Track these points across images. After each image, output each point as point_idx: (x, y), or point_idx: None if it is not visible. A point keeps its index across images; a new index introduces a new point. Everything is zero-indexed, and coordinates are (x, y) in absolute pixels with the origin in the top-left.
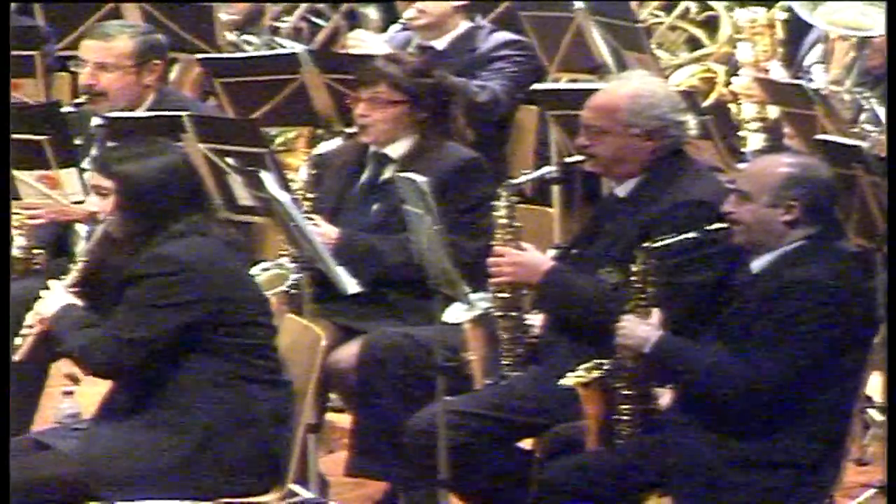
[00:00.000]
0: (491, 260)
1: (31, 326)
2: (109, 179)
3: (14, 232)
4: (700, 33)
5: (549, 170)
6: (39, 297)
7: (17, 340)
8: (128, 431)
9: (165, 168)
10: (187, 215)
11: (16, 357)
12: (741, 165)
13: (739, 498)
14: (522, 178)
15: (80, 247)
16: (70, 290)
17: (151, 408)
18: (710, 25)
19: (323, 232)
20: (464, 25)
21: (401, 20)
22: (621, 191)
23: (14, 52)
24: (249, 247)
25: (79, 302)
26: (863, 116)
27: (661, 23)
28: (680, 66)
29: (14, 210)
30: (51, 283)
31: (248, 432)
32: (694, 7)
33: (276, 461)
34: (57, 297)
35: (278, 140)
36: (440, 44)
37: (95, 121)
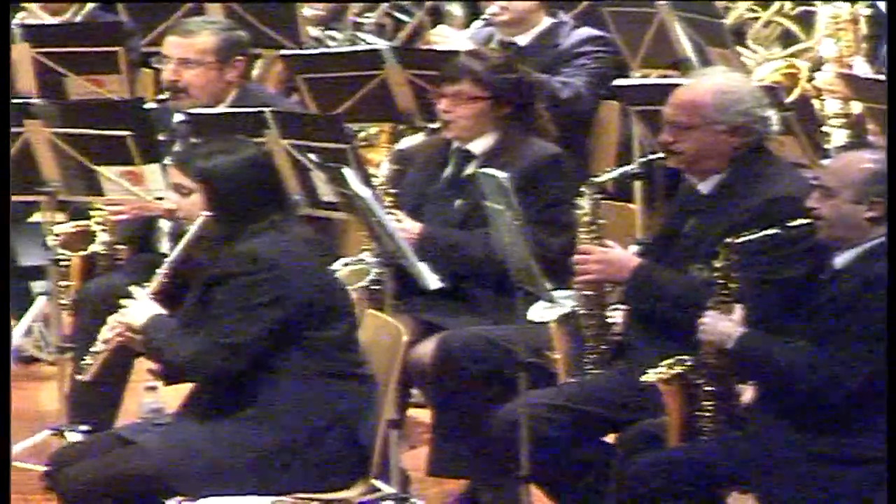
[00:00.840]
0: (577, 258)
1: (105, 342)
2: (191, 178)
3: (97, 228)
4: (796, 28)
5: (632, 168)
6: (120, 293)
7: (88, 360)
8: (211, 427)
9: (247, 165)
10: (269, 213)
11: (86, 377)
12: (824, 161)
13: (822, 494)
14: (605, 177)
15: (165, 244)
16: (153, 297)
17: (235, 404)
18: (806, 20)
19: (405, 227)
20: (546, 21)
21: (483, 16)
22: (704, 187)
23: (98, 49)
24: (330, 243)
25: (163, 310)
26: None
27: (757, 17)
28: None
29: (97, 206)
30: (133, 290)
31: (331, 428)
32: (788, 3)
33: (359, 457)
34: (143, 307)
35: (360, 136)
36: (523, 40)
37: (178, 117)
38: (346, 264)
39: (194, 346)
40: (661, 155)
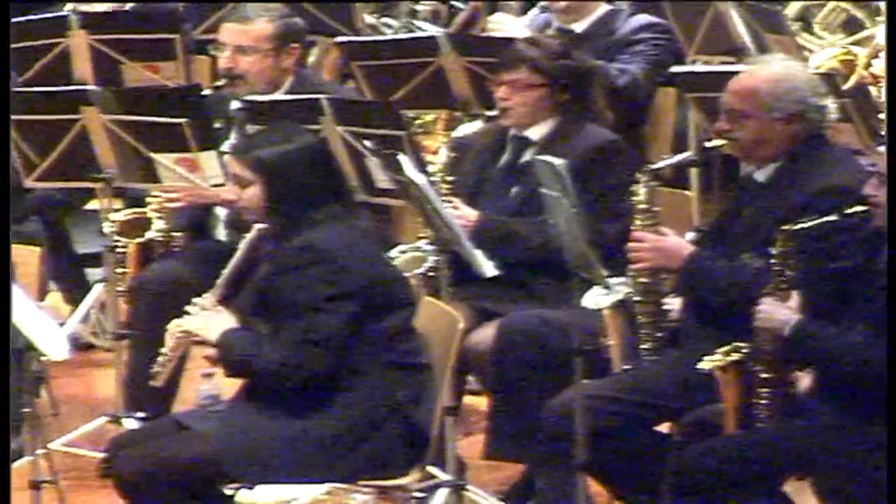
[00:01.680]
0: (631, 245)
1: (171, 350)
2: (249, 169)
3: (154, 215)
4: (861, 15)
5: (688, 155)
6: (176, 281)
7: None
8: (269, 415)
9: (305, 155)
10: (328, 203)
11: (159, 383)
12: (881, 148)
13: (878, 482)
14: (662, 164)
15: (221, 232)
16: (217, 302)
17: (293, 392)
18: (871, 7)
19: (461, 215)
20: (603, 8)
21: (540, 3)
22: (761, 175)
23: (154, 36)
24: (387, 230)
25: (231, 318)
26: None
27: (822, 4)
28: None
29: (154, 193)
30: (197, 301)
31: (389, 416)
32: None
33: (416, 444)
34: (213, 321)
35: (416, 123)
36: (580, 27)
37: (234, 104)
38: (403, 252)
39: (282, 350)
40: (717, 142)
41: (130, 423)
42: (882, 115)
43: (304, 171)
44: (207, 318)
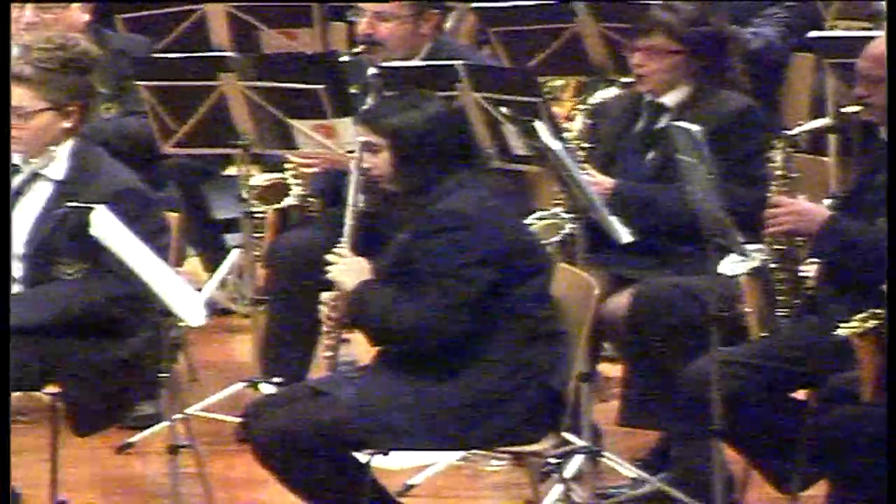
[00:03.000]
0: (768, 211)
1: (331, 319)
2: (378, 135)
3: (292, 181)
4: None
5: (825, 121)
6: (313, 247)
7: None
8: (404, 382)
9: (434, 121)
10: (458, 169)
11: (330, 369)
12: None
13: None
14: (799, 130)
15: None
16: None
17: (430, 359)
18: None
19: (597, 181)
20: None
21: None
22: None
23: (291, 2)
24: (523, 197)
25: (368, 266)
26: None
27: None
28: None
29: (290, 159)
30: (335, 254)
31: (525, 383)
32: None
33: (551, 410)
34: (351, 270)
35: (545, 89)
36: None
37: (371, 70)
38: (541, 218)
39: (422, 312)
40: (854, 108)
41: (267, 389)
42: None
43: (432, 137)
44: (346, 266)
